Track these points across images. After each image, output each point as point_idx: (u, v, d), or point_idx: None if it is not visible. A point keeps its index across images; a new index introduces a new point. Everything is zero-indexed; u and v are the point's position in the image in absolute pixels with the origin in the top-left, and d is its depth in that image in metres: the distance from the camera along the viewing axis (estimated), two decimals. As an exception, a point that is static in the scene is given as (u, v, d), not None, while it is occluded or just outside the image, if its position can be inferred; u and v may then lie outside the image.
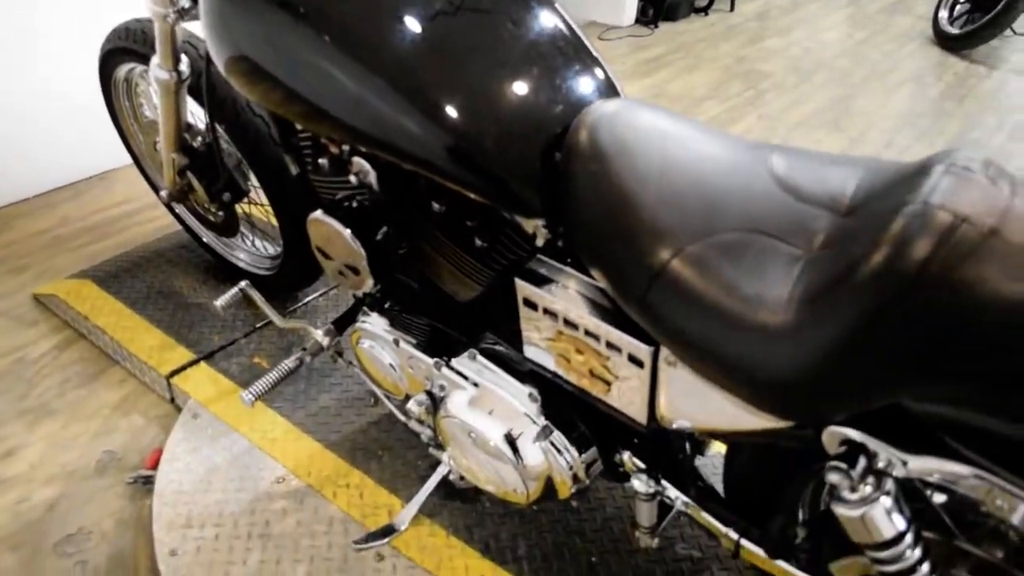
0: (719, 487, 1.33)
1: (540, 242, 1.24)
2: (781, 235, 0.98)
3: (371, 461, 1.83)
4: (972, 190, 0.82)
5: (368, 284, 1.47)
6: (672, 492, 1.32)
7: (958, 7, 4.98)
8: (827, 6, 6.04)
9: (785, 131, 3.66)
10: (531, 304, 1.22)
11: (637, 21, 5.04)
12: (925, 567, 0.99)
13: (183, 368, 2.09)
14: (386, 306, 1.55)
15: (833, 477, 0.94)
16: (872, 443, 0.94)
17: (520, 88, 1.15)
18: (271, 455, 1.84)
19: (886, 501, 0.95)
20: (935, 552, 1.07)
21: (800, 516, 1.24)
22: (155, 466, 1.86)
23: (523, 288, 1.21)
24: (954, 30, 4.90)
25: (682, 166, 1.06)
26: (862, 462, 0.95)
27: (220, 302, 1.75)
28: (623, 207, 1.04)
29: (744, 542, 1.26)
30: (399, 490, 1.77)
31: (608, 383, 1.21)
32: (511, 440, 1.35)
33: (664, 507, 1.36)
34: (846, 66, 4.59)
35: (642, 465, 1.30)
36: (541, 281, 1.20)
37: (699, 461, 1.39)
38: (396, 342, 1.51)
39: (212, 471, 1.82)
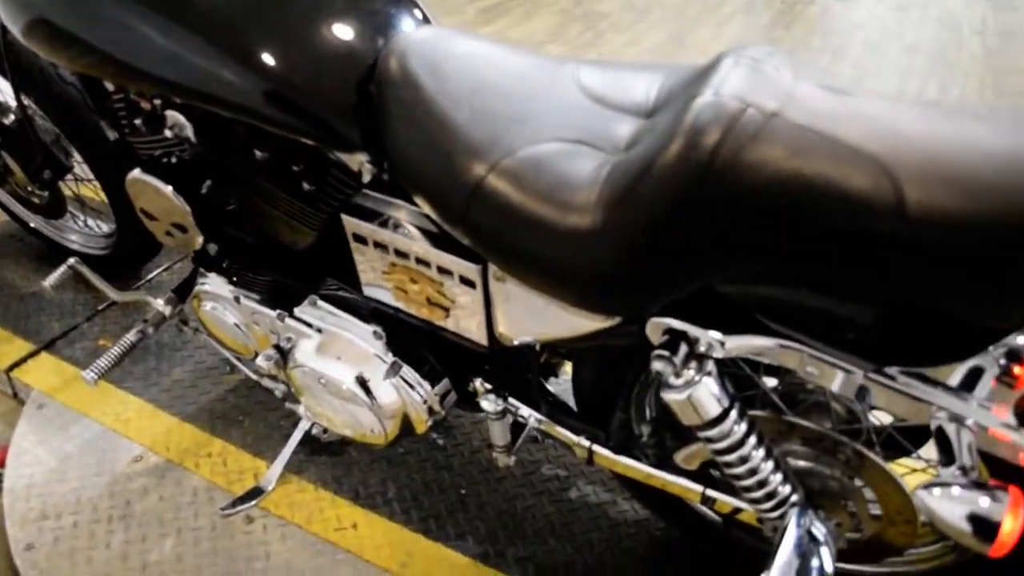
0: (572, 402, 1.38)
1: (367, 178, 1.24)
2: (590, 142, 1.03)
3: (232, 428, 1.80)
4: (757, 78, 0.88)
5: (198, 241, 1.44)
6: (525, 411, 1.36)
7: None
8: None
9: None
10: (361, 239, 1.22)
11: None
12: (752, 440, 1.07)
13: (23, 360, 1.98)
14: (224, 264, 1.52)
15: (657, 365, 1.00)
16: (691, 329, 1.00)
17: (327, 22, 1.15)
18: (126, 436, 1.79)
19: (708, 381, 1.01)
20: (769, 428, 1.16)
21: (641, 413, 1.31)
22: (3, 464, 1.77)
23: (350, 224, 1.21)
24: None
25: (493, 85, 1.09)
26: (683, 348, 1.01)
27: (49, 282, 1.67)
28: (436, 130, 1.05)
29: (596, 448, 1.32)
30: (264, 452, 1.75)
31: (446, 309, 1.23)
32: (362, 381, 1.36)
33: (519, 426, 1.40)
34: (679, 3, 4.73)
35: (489, 386, 1.33)
36: (367, 215, 1.20)
37: (552, 380, 1.44)
38: (237, 299, 1.49)
39: (65, 460, 1.74)
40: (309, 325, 1.41)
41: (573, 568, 1.53)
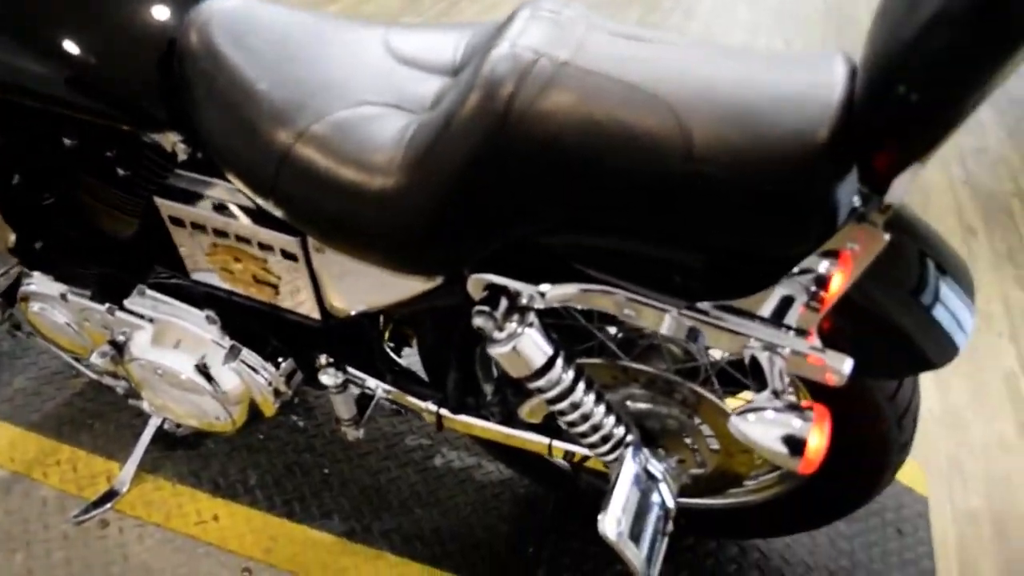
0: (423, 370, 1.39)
1: (183, 158, 1.20)
2: (398, 104, 1.03)
3: (81, 432, 1.73)
4: (550, 29, 0.90)
5: (11, 239, 1.37)
6: (372, 382, 1.36)
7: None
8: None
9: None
10: (178, 222, 1.19)
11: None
12: (582, 386, 1.10)
13: None
14: (49, 261, 1.45)
15: (478, 321, 1.01)
16: (510, 283, 1.02)
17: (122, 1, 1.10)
18: (-36, 452, 1.69)
19: (530, 332, 1.03)
20: (606, 374, 1.20)
21: (486, 372, 1.33)
22: None
23: (165, 206, 1.18)
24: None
25: (297, 53, 1.07)
26: (504, 303, 1.03)
27: None
28: (241, 101, 1.03)
29: (443, 412, 1.33)
30: (116, 454, 1.69)
31: (275, 286, 1.22)
32: (201, 369, 1.33)
33: (368, 398, 1.40)
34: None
35: (329, 360, 1.32)
36: (181, 196, 1.17)
37: (407, 349, 1.44)
38: (64, 297, 1.42)
39: None
40: (141, 316, 1.37)
41: (440, 534, 1.55)
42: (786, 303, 0.94)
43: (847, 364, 0.94)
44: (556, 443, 1.28)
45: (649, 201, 0.85)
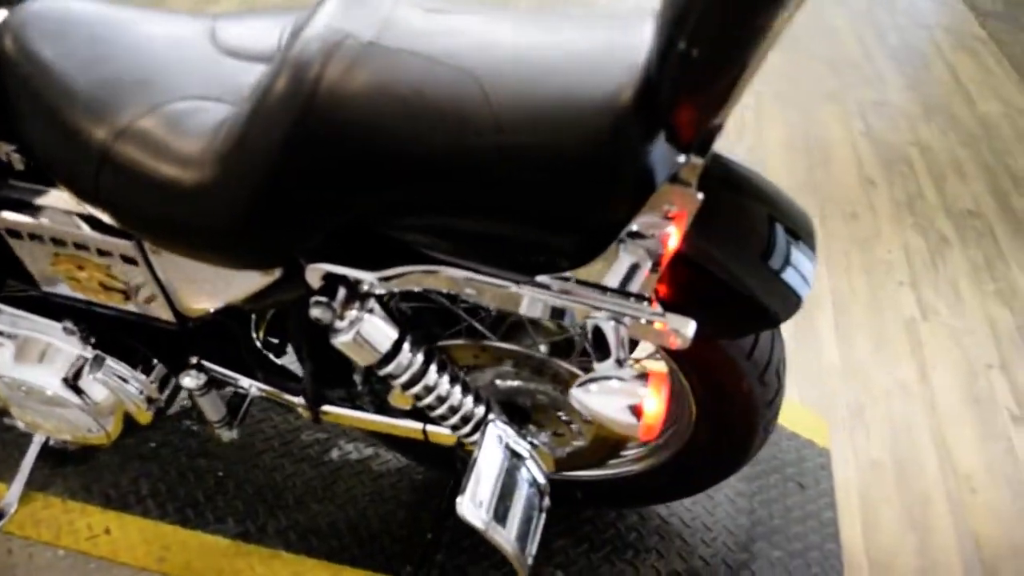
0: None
1: (20, 168, 1.15)
2: (218, 96, 0.99)
3: (-36, 455, 1.68)
4: (356, 9, 0.88)
5: None
6: (244, 381, 1.33)
7: None
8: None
9: None
10: (15, 234, 1.14)
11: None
12: (434, 368, 1.09)
13: None
14: None
15: (316, 312, 1.00)
16: (346, 271, 1.00)
17: None
18: None
19: (371, 319, 1.02)
20: (469, 355, 1.18)
21: (350, 362, 1.30)
22: None
23: (1, 219, 1.13)
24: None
25: (118, 50, 1.03)
26: (342, 291, 1.01)
27: None
28: (59, 103, 0.99)
29: (327, 407, 1.31)
30: (3, 474, 1.64)
31: (124, 292, 1.18)
32: (66, 382, 1.29)
33: (242, 397, 1.37)
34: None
35: (191, 362, 1.29)
36: (15, 207, 1.13)
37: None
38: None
39: None
40: (1, 333, 1.32)
41: (337, 527, 1.53)
42: (621, 270, 0.93)
43: (689, 327, 0.94)
44: (431, 428, 1.27)
45: (464, 176, 0.84)
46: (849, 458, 1.78)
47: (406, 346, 1.05)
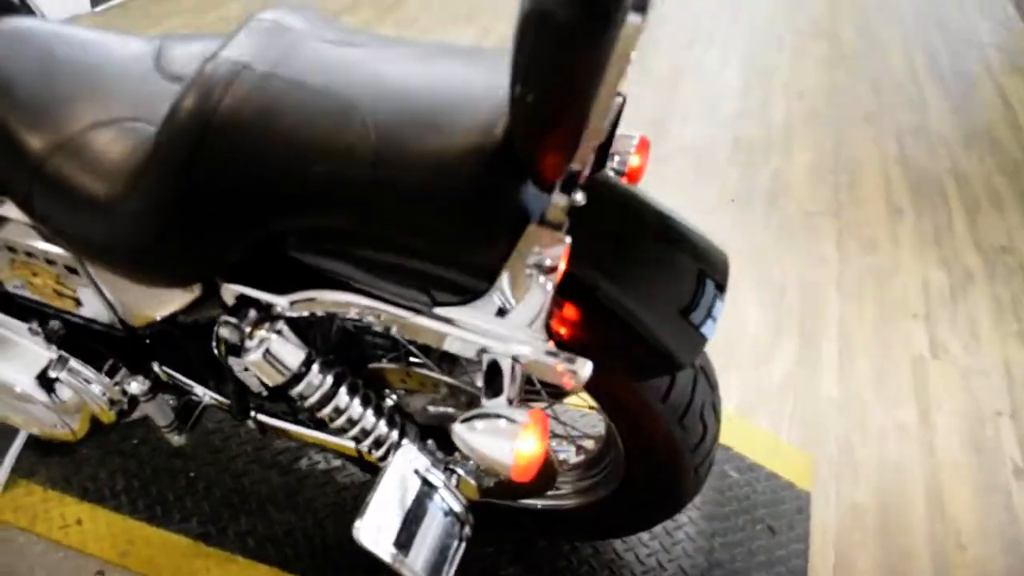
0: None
1: None
2: (149, 119, 1.03)
3: (-41, 439, 1.77)
4: (261, 40, 0.90)
5: None
6: (198, 389, 1.37)
7: None
8: None
9: (420, 30, 3.74)
10: None
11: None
12: (343, 391, 1.10)
13: None
14: None
15: (223, 332, 1.02)
16: (256, 293, 1.02)
17: None
18: None
19: (278, 340, 1.04)
20: (398, 379, 1.19)
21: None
22: None
23: None
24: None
25: (66, 68, 1.08)
26: (252, 312, 1.03)
27: None
28: (4, 115, 1.04)
29: (260, 417, 1.33)
30: (-8, 460, 1.72)
31: (75, 299, 1.22)
32: (32, 380, 1.34)
33: (195, 404, 1.41)
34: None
35: (154, 367, 1.33)
36: None
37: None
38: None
39: None
40: (-27, 327, 1.38)
41: (294, 535, 1.56)
42: (516, 306, 0.93)
43: (585, 368, 0.93)
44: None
45: (345, 207, 0.86)
46: (831, 499, 1.73)
47: (315, 368, 1.07)
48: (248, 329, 1.02)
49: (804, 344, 2.08)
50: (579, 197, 0.85)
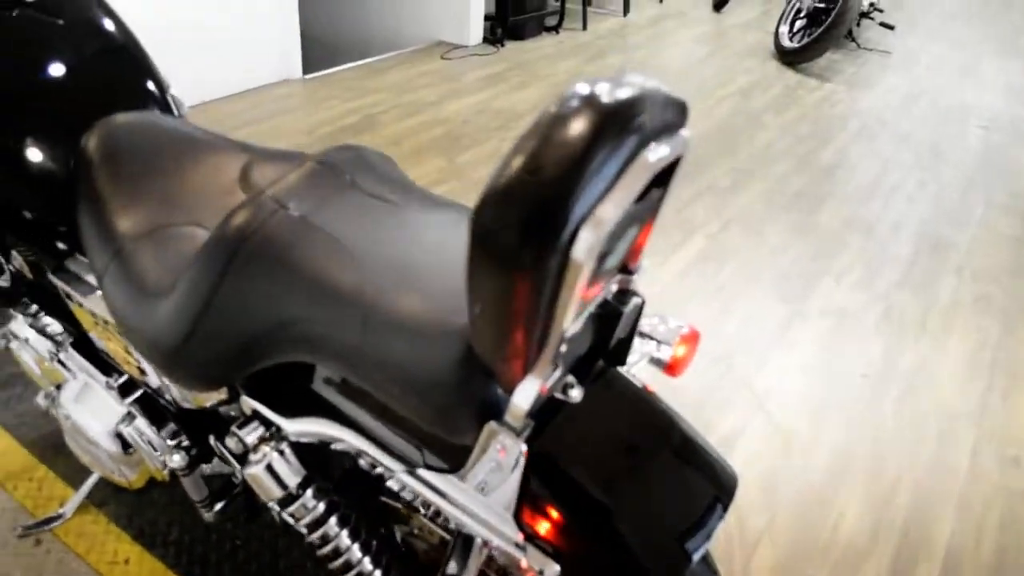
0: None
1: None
2: (211, 226, 1.11)
3: (58, 457, 1.92)
4: (310, 181, 0.97)
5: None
6: (239, 472, 1.43)
7: (798, 22, 5.18)
8: (685, 23, 6.22)
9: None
10: (69, 296, 1.33)
11: (485, 40, 5.20)
12: (334, 520, 1.11)
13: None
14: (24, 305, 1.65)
15: (229, 443, 1.07)
16: (266, 411, 1.06)
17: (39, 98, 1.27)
18: (-33, 452, 1.94)
19: (278, 459, 1.07)
20: (402, 513, 1.19)
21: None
22: None
23: (59, 285, 1.32)
24: (793, 44, 5.10)
25: (168, 167, 1.19)
26: (260, 428, 1.08)
27: None
28: (102, 204, 1.16)
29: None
30: (79, 483, 1.86)
31: (139, 368, 1.32)
32: (101, 429, 1.45)
33: (234, 484, 1.47)
34: (676, 82, 4.75)
35: (187, 442, 1.40)
36: (70, 279, 1.31)
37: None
38: (27, 340, 1.61)
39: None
40: (69, 370, 1.52)
41: (307, 630, 1.57)
42: (494, 491, 0.91)
43: (550, 569, 0.90)
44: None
45: (336, 359, 0.88)
46: None
47: (308, 492, 1.09)
48: (254, 443, 1.06)
49: (896, 558, 1.88)
50: (575, 394, 0.83)
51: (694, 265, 2.92)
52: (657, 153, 0.66)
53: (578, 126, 0.61)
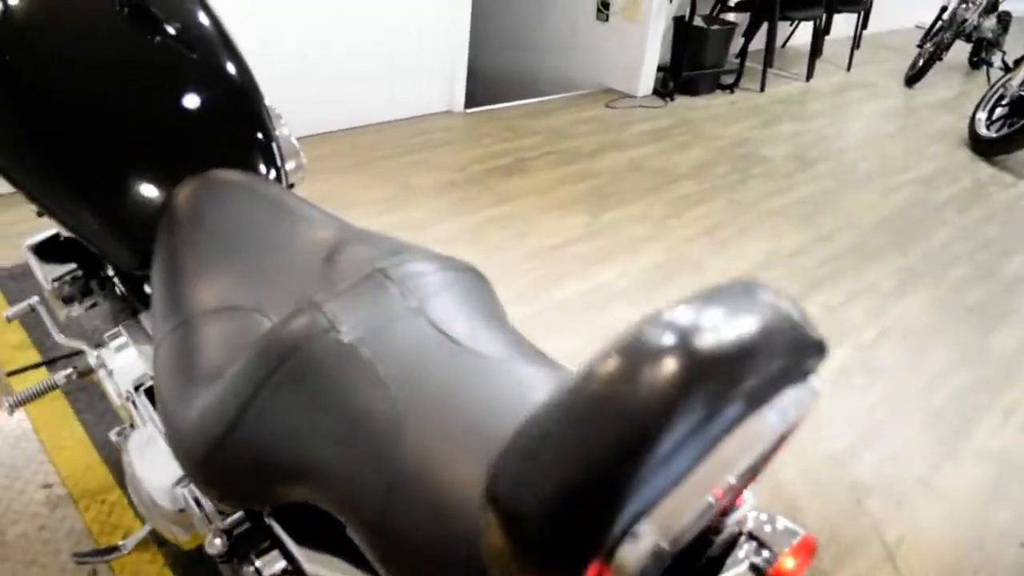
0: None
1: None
2: (275, 317, 1.02)
3: (134, 483, 1.90)
4: (368, 299, 0.88)
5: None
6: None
7: (998, 110, 4.66)
8: (872, 95, 5.78)
9: (749, 220, 3.53)
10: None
11: (655, 92, 5.00)
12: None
13: (25, 369, 2.23)
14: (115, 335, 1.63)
15: (247, 570, 0.98)
16: (289, 543, 0.97)
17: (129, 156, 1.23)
18: (52, 461, 1.95)
19: None
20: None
21: None
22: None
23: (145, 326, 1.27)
24: (990, 133, 4.59)
25: (249, 236, 1.12)
26: (280, 563, 1.00)
27: (8, 313, 1.88)
28: (177, 263, 1.10)
29: None
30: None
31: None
32: (160, 481, 1.39)
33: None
34: (854, 160, 4.38)
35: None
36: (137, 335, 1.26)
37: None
38: (111, 372, 1.58)
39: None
40: (140, 415, 1.47)
41: None
42: None
43: None
44: None
45: (354, 516, 0.78)
46: None
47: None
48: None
49: None
50: None
51: (837, 379, 2.61)
52: (766, 423, 0.47)
53: (648, 386, 0.43)
